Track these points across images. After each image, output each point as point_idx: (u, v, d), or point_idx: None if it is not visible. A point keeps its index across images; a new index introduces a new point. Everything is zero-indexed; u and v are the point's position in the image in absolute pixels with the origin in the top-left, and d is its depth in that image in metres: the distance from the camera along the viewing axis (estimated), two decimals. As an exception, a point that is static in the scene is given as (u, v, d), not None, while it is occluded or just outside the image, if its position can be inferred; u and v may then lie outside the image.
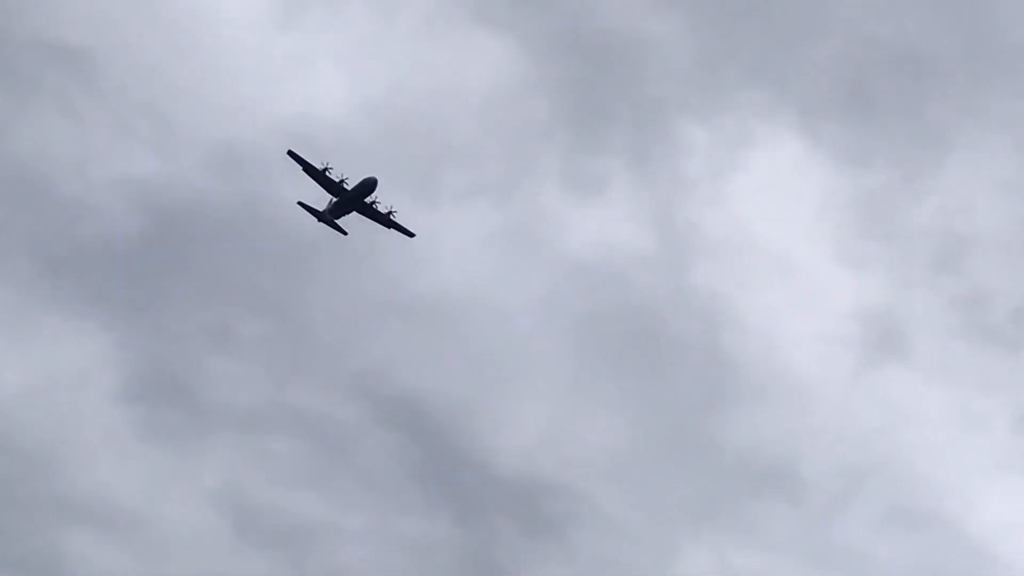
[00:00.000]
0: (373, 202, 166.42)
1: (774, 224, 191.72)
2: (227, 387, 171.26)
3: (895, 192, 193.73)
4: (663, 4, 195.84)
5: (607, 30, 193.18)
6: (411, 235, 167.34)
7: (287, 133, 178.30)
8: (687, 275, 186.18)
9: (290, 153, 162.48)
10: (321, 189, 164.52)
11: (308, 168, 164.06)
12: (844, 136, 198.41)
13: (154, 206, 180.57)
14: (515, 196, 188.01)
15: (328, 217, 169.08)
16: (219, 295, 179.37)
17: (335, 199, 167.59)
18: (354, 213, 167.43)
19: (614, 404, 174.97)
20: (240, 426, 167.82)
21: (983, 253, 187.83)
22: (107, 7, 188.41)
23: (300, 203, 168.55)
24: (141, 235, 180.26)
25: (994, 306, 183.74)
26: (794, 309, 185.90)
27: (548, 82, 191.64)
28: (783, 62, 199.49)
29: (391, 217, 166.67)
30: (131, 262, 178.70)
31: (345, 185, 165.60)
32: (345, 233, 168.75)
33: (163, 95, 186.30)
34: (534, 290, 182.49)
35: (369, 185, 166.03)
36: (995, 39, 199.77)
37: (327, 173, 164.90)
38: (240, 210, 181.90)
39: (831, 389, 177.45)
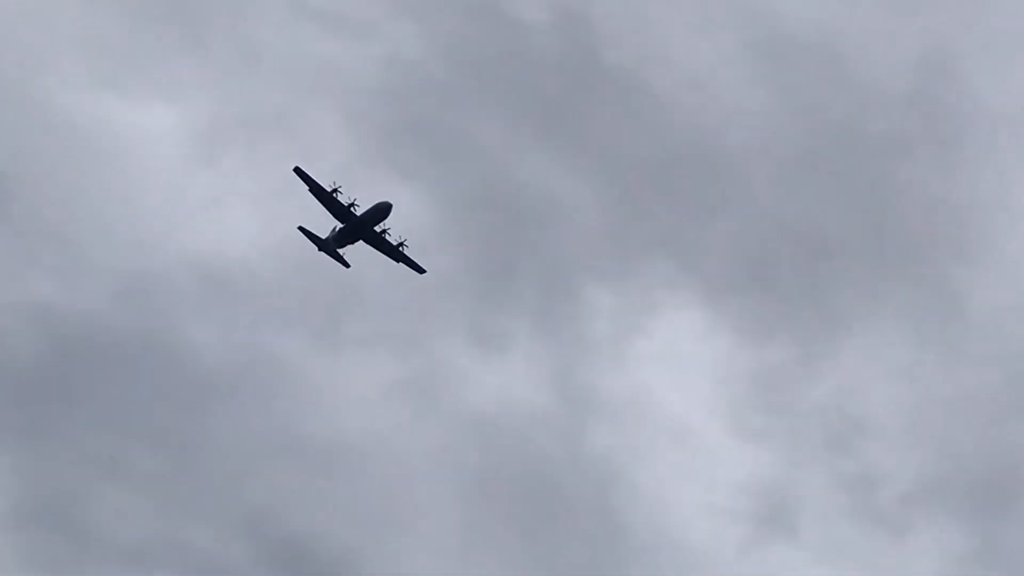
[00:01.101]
0: (383, 231, 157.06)
1: (672, 392, 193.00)
2: (115, 519, 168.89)
3: (793, 370, 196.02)
4: (577, 167, 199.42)
5: (520, 188, 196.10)
6: (422, 271, 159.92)
7: (196, 269, 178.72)
8: (584, 437, 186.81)
9: (296, 170, 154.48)
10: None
11: (315, 188, 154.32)
12: (746, 311, 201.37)
13: (55, 333, 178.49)
14: (418, 347, 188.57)
15: (331, 246, 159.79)
16: (114, 426, 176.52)
17: (340, 226, 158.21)
18: (360, 243, 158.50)
19: (503, 561, 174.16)
20: (126, 560, 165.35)
21: (875, 436, 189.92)
22: (26, 133, 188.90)
23: (301, 228, 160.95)
24: (39, 361, 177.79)
25: (884, 490, 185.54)
26: (687, 478, 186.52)
27: (458, 235, 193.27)
28: (691, 233, 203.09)
29: (401, 250, 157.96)
30: (27, 387, 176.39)
31: (354, 209, 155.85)
32: (348, 266, 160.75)
33: (74, 223, 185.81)
34: (431, 442, 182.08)
35: (382, 211, 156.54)
36: (897, 227, 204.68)
37: (336, 195, 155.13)
38: (142, 342, 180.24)
39: (719, 561, 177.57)
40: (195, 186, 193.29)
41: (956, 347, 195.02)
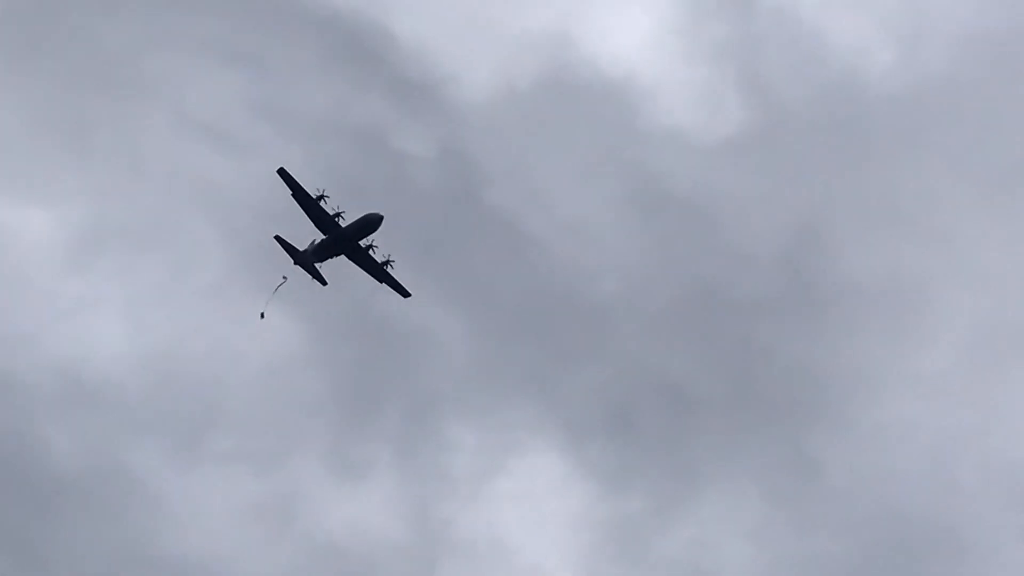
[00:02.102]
0: (369, 246, 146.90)
1: (528, 536, 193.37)
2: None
3: (648, 521, 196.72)
4: (450, 301, 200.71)
5: (391, 317, 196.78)
6: (406, 295, 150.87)
7: (61, 374, 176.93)
8: (435, 572, 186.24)
9: (281, 172, 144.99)
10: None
11: (299, 194, 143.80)
12: (606, 459, 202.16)
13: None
14: (278, 468, 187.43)
15: (309, 258, 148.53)
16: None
17: (321, 239, 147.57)
18: (343, 258, 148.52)
19: None
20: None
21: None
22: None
23: (278, 238, 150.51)
24: None
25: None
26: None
27: (327, 361, 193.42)
28: (557, 377, 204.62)
29: (387, 269, 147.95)
30: None
31: (340, 220, 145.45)
32: (324, 283, 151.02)
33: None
34: (281, 565, 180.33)
35: (371, 223, 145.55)
36: (759, 388, 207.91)
37: (321, 203, 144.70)
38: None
39: None
40: (67, 291, 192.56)
41: (810, 510, 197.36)
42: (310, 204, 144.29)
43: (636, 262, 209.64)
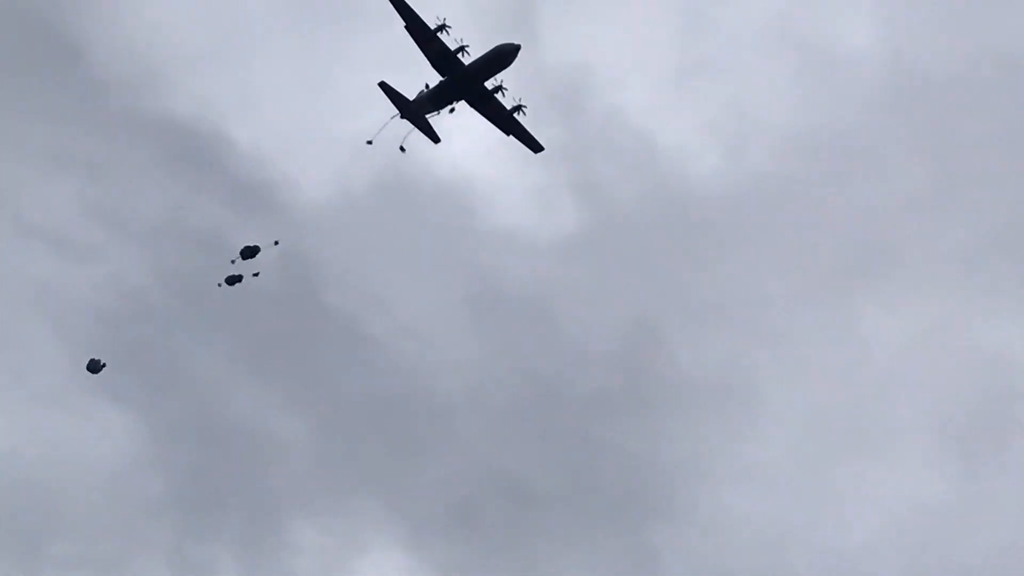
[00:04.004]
0: (497, 88, 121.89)
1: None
2: None
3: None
4: (292, 403, 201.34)
5: (234, 420, 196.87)
6: (538, 149, 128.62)
7: None
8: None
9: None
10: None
11: (414, 24, 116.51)
12: (450, 555, 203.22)
13: None
14: (119, 573, 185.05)
15: (420, 109, 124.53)
16: None
17: (438, 82, 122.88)
18: (463, 105, 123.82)
19: None
20: None
21: None
22: None
23: (383, 84, 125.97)
24: None
25: None
26: None
27: (168, 463, 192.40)
28: (400, 476, 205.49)
29: (518, 116, 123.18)
30: None
31: (464, 56, 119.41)
32: (437, 140, 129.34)
33: None
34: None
35: (504, 56, 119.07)
36: (600, 483, 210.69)
37: (441, 35, 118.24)
38: None
39: None
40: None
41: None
42: (427, 36, 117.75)
43: (476, 360, 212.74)
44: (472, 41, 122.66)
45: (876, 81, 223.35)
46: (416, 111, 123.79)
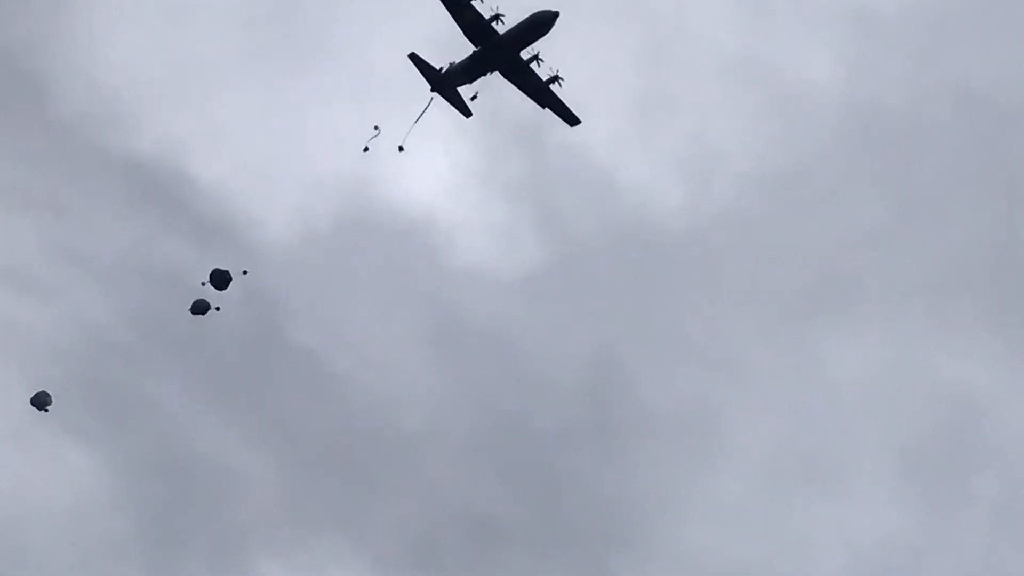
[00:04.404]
0: (533, 58, 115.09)
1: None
2: None
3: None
4: (255, 439, 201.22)
5: (197, 457, 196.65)
6: (575, 122, 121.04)
7: None
8: None
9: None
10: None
11: None
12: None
13: None
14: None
15: (451, 81, 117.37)
16: None
17: (471, 53, 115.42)
18: (496, 76, 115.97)
19: None
20: None
21: None
22: None
23: (413, 56, 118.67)
24: None
25: None
26: None
27: (130, 501, 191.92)
28: (364, 511, 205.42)
29: (552, 88, 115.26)
30: None
31: (498, 25, 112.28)
32: (469, 114, 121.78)
33: None
34: None
35: (542, 23, 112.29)
36: (564, 516, 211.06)
37: (475, 2, 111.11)
38: None
39: None
40: None
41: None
42: (461, 3, 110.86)
43: (439, 395, 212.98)
44: (507, 9, 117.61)
45: (838, 116, 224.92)
46: (448, 83, 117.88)
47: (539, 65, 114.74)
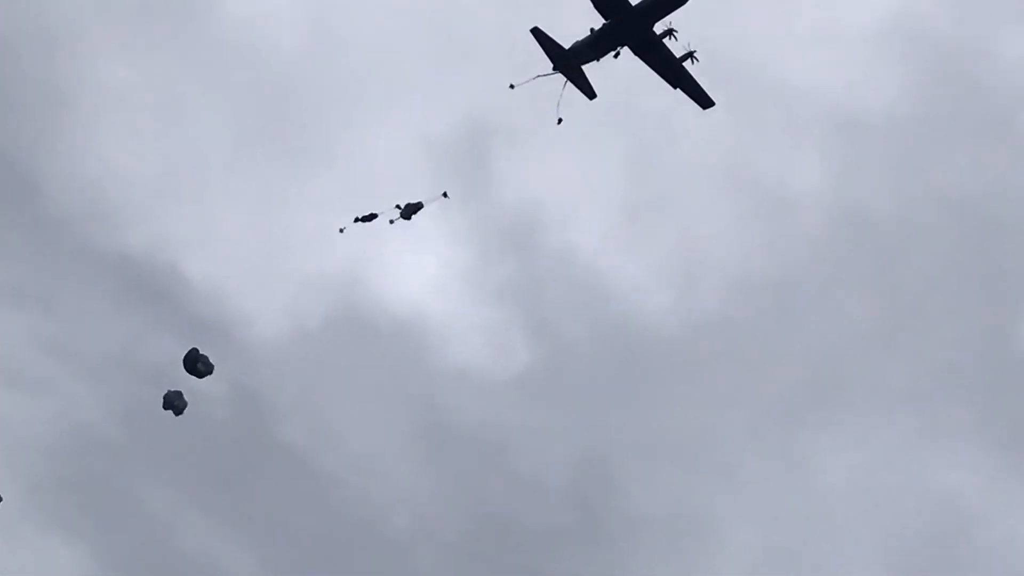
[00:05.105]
0: (667, 33, 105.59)
1: None
2: None
3: None
4: (242, 538, 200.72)
5: (184, 554, 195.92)
6: (708, 104, 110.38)
7: None
8: None
9: None
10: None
11: None
12: None
13: None
14: None
15: (577, 58, 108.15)
16: None
17: (600, 26, 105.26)
18: (625, 52, 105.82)
19: None
20: None
21: None
22: None
23: (535, 31, 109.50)
24: None
25: None
26: None
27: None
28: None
29: (686, 65, 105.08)
30: None
31: None
32: (594, 95, 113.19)
33: None
34: None
35: None
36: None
37: None
38: None
39: None
40: None
41: None
42: None
43: (428, 496, 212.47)
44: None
45: (824, 222, 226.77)
46: (573, 60, 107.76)
47: (674, 39, 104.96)
